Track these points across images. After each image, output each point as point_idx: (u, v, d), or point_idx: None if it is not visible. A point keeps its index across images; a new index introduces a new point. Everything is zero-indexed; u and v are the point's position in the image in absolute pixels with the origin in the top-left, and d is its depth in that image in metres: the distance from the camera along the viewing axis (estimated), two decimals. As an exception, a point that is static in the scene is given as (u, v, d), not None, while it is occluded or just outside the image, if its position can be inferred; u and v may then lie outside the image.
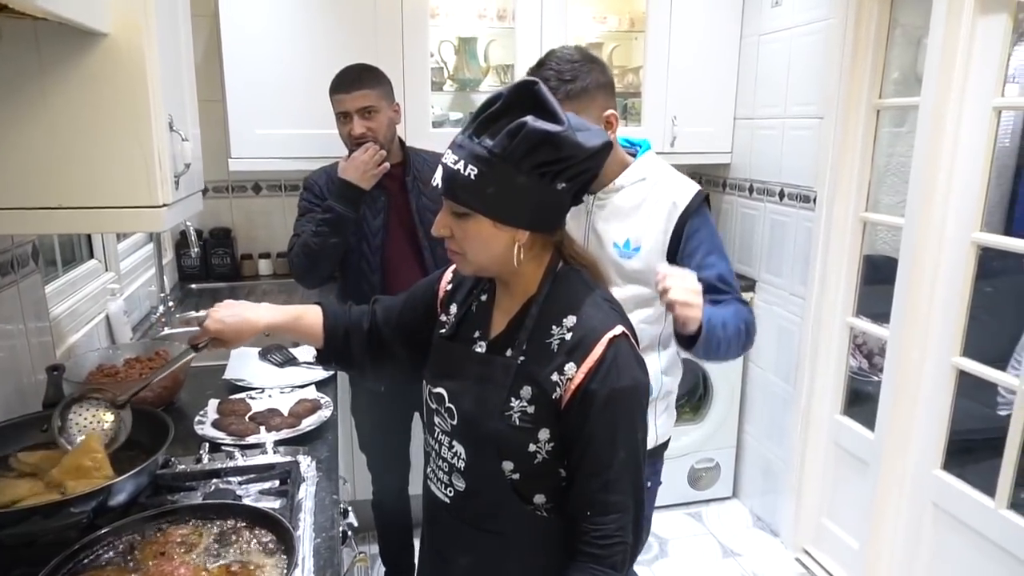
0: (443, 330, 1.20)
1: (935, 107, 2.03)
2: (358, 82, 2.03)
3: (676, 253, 1.53)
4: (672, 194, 1.54)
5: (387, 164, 2.01)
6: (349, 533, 1.40)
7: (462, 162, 0.99)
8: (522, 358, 1.06)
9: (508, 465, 1.07)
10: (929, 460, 2.17)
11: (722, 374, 2.97)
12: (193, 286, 2.86)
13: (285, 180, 3.02)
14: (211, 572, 0.99)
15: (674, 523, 2.97)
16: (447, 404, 1.13)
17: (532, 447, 1.06)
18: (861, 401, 2.61)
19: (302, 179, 2.97)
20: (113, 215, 1.24)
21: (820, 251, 2.51)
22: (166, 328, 2.33)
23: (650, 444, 1.68)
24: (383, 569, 2.46)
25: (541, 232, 1.06)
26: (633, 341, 1.08)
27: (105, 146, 1.21)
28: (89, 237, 2.14)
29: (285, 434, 1.49)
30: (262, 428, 1.51)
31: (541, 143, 0.96)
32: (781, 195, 2.74)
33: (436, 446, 1.17)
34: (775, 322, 2.81)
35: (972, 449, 2.23)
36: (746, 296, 2.88)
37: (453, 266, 1.26)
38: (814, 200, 2.53)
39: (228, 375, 1.79)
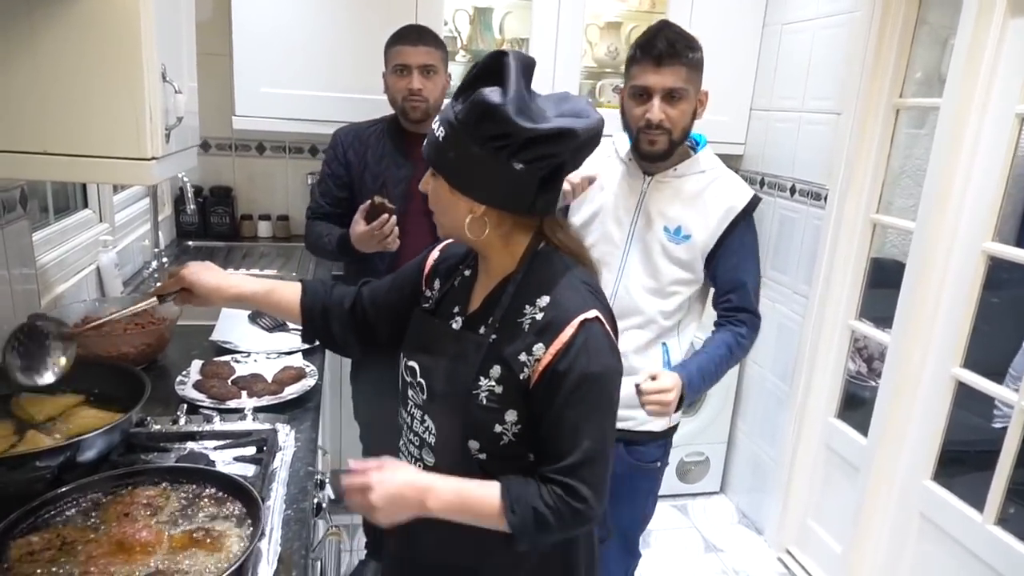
0: (426, 304, 1.18)
1: (956, 110, 1.97)
2: (423, 38, 1.96)
3: (718, 249, 1.62)
4: (730, 196, 1.62)
5: (398, 242, 1.87)
6: (324, 505, 1.38)
7: (438, 122, 1.02)
8: (494, 336, 1.04)
9: (474, 444, 1.06)
10: (920, 470, 2.14)
11: (718, 368, 2.93)
12: (190, 243, 2.83)
13: (290, 142, 2.97)
14: (174, 537, 0.97)
15: (659, 514, 2.92)
16: (418, 378, 1.12)
17: (498, 428, 1.04)
18: (857, 405, 2.58)
19: (307, 142, 2.96)
20: (99, 165, 1.20)
21: (827, 251, 2.46)
22: (158, 284, 2.29)
23: (663, 427, 1.74)
24: (363, 539, 2.46)
25: (501, 210, 1.03)
26: (608, 327, 1.04)
27: (94, 93, 1.17)
28: (84, 187, 2.11)
29: (267, 401, 1.47)
30: (244, 393, 1.49)
31: (483, 115, 0.95)
32: (792, 191, 2.68)
33: (408, 419, 1.16)
34: (776, 320, 2.77)
35: (963, 460, 2.20)
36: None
37: (444, 243, 1.24)
38: (825, 198, 2.47)
39: (215, 336, 1.76)
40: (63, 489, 1.01)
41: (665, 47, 1.50)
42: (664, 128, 1.53)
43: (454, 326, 1.11)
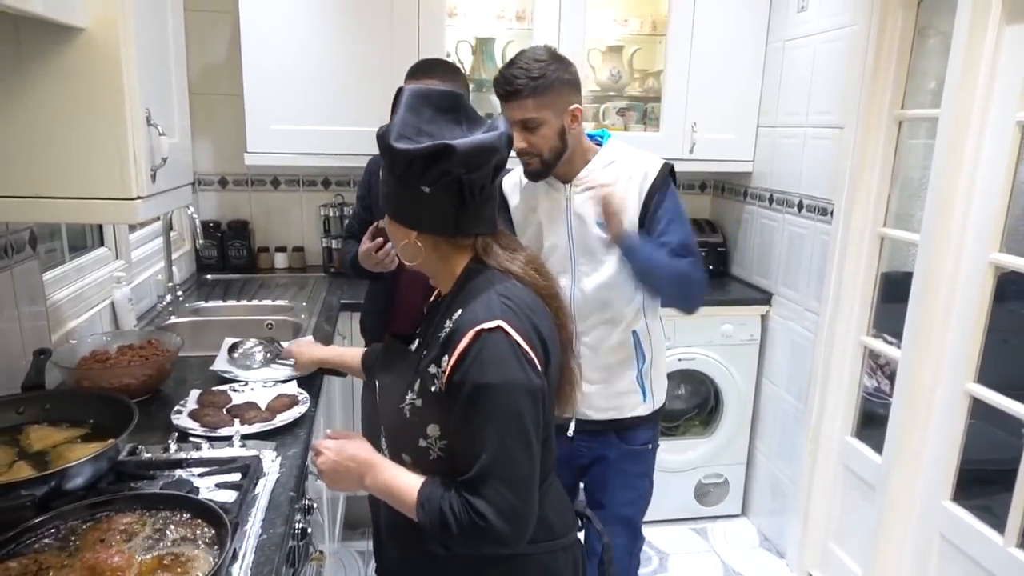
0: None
1: (955, 120, 1.94)
2: (432, 71, 2.00)
3: (643, 220, 1.68)
4: (641, 169, 1.69)
5: (396, 262, 1.89)
6: (309, 530, 1.40)
7: None
8: (424, 352, 1.09)
9: (407, 458, 1.10)
10: (938, 490, 2.07)
11: (734, 388, 2.89)
12: (208, 276, 2.92)
13: (303, 175, 3.06)
14: (144, 561, 1.00)
15: (677, 538, 2.91)
16: (377, 396, 1.19)
17: (423, 442, 1.07)
18: (878, 423, 2.50)
19: (320, 175, 3.05)
20: (86, 206, 1.27)
21: (835, 266, 2.42)
22: (172, 317, 2.38)
23: (647, 411, 1.79)
24: (375, 564, 2.47)
25: (430, 234, 1.07)
26: (518, 338, 1.00)
27: (81, 138, 1.24)
28: (100, 225, 2.20)
29: (257, 428, 1.50)
30: (236, 421, 1.53)
31: (379, 147, 1.04)
32: (800, 206, 2.65)
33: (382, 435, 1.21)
34: (789, 337, 2.72)
35: (988, 479, 2.12)
36: (761, 310, 2.83)
37: None
38: (831, 213, 2.44)
39: (215, 367, 1.81)
40: (43, 517, 1.05)
41: (504, 87, 1.58)
42: (530, 152, 1.62)
43: (412, 347, 1.15)
